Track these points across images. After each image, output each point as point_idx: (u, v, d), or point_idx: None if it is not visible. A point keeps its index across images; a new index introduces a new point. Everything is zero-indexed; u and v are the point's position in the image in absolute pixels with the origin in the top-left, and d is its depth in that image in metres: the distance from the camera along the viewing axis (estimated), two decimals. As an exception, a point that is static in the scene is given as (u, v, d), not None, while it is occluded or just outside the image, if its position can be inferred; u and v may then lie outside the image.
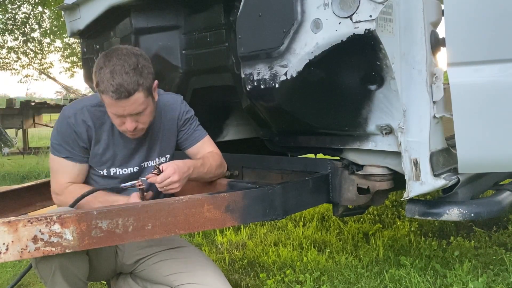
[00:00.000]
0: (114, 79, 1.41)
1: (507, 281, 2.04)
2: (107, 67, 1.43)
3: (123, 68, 1.42)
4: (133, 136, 1.59)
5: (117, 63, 1.43)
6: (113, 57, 1.44)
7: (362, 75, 1.50)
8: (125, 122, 1.50)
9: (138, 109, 1.48)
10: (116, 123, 1.53)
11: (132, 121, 1.50)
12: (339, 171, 1.77)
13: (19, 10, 12.94)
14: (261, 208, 1.51)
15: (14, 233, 1.16)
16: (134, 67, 1.44)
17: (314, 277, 2.24)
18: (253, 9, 1.60)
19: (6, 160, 8.33)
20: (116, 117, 1.50)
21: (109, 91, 1.41)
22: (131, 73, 1.43)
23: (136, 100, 1.46)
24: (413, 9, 1.51)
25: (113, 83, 1.41)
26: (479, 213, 1.58)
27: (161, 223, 1.33)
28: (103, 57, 1.46)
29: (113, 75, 1.41)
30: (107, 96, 1.43)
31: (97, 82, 1.45)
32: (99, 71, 1.44)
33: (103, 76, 1.42)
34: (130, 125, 1.50)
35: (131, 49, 1.50)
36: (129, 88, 1.43)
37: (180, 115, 1.75)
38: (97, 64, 1.46)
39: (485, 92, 1.47)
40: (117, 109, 1.46)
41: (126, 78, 1.42)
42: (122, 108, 1.46)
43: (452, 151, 1.63)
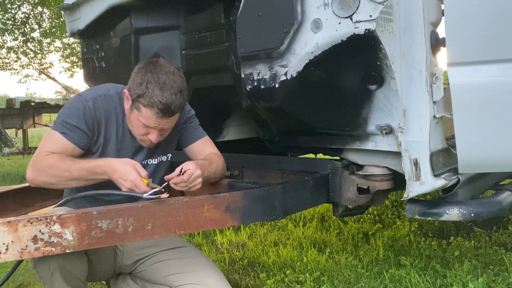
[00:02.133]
0: (164, 97, 1.45)
1: (507, 281, 2.04)
2: (157, 84, 1.45)
3: (173, 88, 1.46)
4: (148, 146, 1.62)
5: (166, 81, 1.46)
6: (162, 75, 1.47)
7: (362, 75, 1.50)
8: (150, 133, 1.53)
9: (170, 126, 1.56)
10: (140, 132, 1.55)
11: (158, 134, 1.55)
12: (339, 171, 1.77)
13: (19, 10, 12.94)
14: (261, 208, 1.51)
15: (14, 233, 1.16)
16: (181, 90, 1.49)
17: (314, 277, 2.24)
18: (253, 9, 1.60)
19: (6, 160, 8.33)
20: (143, 127, 1.52)
21: (155, 108, 1.45)
22: (178, 95, 1.48)
23: (174, 120, 1.54)
24: (413, 9, 1.51)
25: (162, 101, 1.44)
26: (479, 213, 1.58)
27: (161, 223, 1.33)
28: (150, 72, 1.47)
29: (164, 93, 1.45)
30: (151, 110, 1.46)
31: (142, 94, 1.46)
32: (147, 84, 1.46)
33: (152, 92, 1.45)
34: (155, 137, 1.55)
35: (175, 69, 1.52)
36: (175, 109, 1.48)
37: (182, 114, 1.74)
38: (143, 77, 1.47)
39: (485, 92, 1.47)
40: (153, 123, 1.50)
41: (175, 99, 1.46)
42: (158, 123, 1.50)
43: (452, 151, 1.63)
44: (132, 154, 1.66)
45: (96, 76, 2.60)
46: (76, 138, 1.53)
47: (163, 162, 1.74)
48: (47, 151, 1.51)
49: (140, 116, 1.50)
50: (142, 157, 1.68)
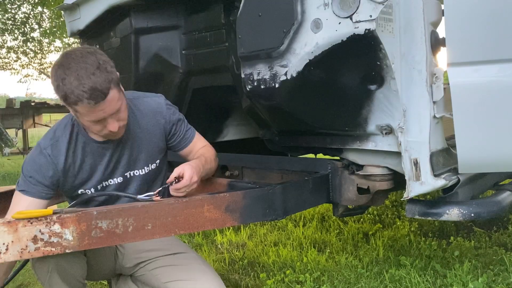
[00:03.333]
0: (84, 85, 1.30)
1: (507, 281, 2.04)
2: (70, 75, 1.31)
3: (87, 70, 1.32)
4: (116, 137, 1.51)
5: (79, 67, 1.32)
6: (71, 63, 1.33)
7: (362, 75, 1.50)
8: (106, 125, 1.42)
9: (116, 106, 1.40)
10: (96, 129, 1.43)
11: (114, 121, 1.42)
12: (339, 171, 1.77)
13: (19, 10, 12.95)
14: (261, 208, 1.51)
15: (14, 233, 1.16)
16: (98, 66, 1.34)
17: (314, 277, 2.24)
18: (253, 9, 1.59)
19: (6, 160, 8.33)
20: (95, 123, 1.40)
21: (84, 99, 1.31)
22: (97, 73, 1.33)
23: (113, 98, 1.38)
24: (413, 9, 1.51)
25: (85, 89, 1.30)
26: (479, 213, 1.58)
27: (161, 223, 1.33)
28: (60, 67, 1.34)
29: (81, 81, 1.31)
30: (82, 104, 1.33)
31: (64, 95, 1.33)
32: (62, 82, 1.32)
33: (70, 86, 1.31)
34: (113, 125, 1.42)
35: (84, 49, 1.39)
36: (103, 88, 1.33)
37: (167, 120, 1.65)
38: (56, 76, 1.34)
39: (485, 92, 1.47)
40: (97, 114, 1.37)
41: (95, 78, 1.32)
42: (101, 111, 1.36)
43: (452, 151, 1.63)
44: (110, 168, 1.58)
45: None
46: (40, 191, 1.49)
47: (152, 170, 1.66)
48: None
49: (81, 116, 1.38)
50: (122, 170, 1.60)
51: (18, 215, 1.19)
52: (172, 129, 1.68)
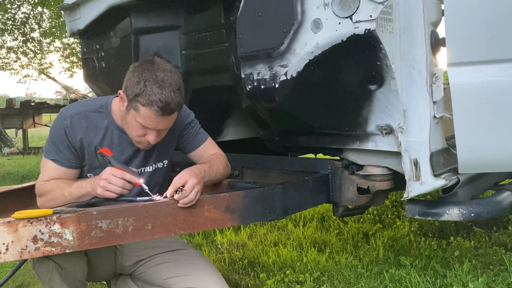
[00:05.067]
0: (163, 95, 1.41)
1: (507, 281, 2.04)
2: (155, 81, 1.41)
3: (171, 86, 1.43)
4: (145, 148, 1.58)
5: (164, 79, 1.43)
6: (159, 72, 1.43)
7: (362, 75, 1.50)
8: (147, 134, 1.49)
9: (169, 126, 1.52)
10: (137, 133, 1.50)
11: (157, 135, 1.50)
12: (339, 171, 1.77)
13: (19, 10, 12.94)
14: (261, 208, 1.51)
15: (14, 233, 1.16)
16: (179, 87, 1.46)
17: (314, 277, 2.24)
18: (253, 9, 1.60)
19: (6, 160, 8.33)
20: (142, 128, 1.48)
21: (155, 106, 1.40)
22: (177, 92, 1.45)
23: (172, 119, 1.50)
24: (413, 9, 1.51)
25: (162, 99, 1.40)
26: (479, 213, 1.58)
27: (161, 223, 1.33)
28: (147, 70, 1.44)
29: (163, 91, 1.41)
30: (150, 109, 1.41)
31: (140, 93, 1.42)
32: (144, 83, 1.42)
33: (150, 89, 1.41)
34: (153, 138, 1.50)
35: (168, 64, 1.50)
36: (174, 107, 1.44)
37: (181, 120, 1.70)
38: (138, 73, 1.44)
39: (485, 92, 1.47)
40: (152, 123, 1.45)
41: (174, 97, 1.43)
42: (157, 123, 1.46)
43: (452, 151, 1.63)
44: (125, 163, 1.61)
45: (96, 76, 2.60)
46: (66, 160, 1.56)
47: (159, 169, 1.70)
48: (43, 180, 1.56)
49: (137, 116, 1.45)
50: (135, 166, 1.63)
51: (18, 215, 1.19)
52: (185, 129, 1.73)
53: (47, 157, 1.57)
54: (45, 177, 1.56)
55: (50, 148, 1.56)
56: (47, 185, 1.54)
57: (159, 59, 1.52)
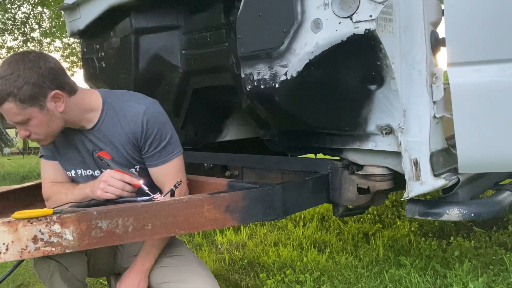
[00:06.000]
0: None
1: (507, 281, 2.04)
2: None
3: (1, 74, 1.35)
4: (39, 143, 1.53)
5: (3, 68, 1.37)
6: (5, 63, 1.39)
7: (362, 75, 1.50)
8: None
9: (15, 119, 1.40)
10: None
11: (21, 129, 1.45)
12: (339, 171, 1.77)
13: (19, 10, 12.95)
14: (261, 208, 1.51)
15: (14, 233, 1.16)
16: (8, 74, 1.35)
17: (314, 277, 2.24)
18: (253, 9, 1.59)
19: (6, 160, 8.33)
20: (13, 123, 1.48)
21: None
22: (2, 80, 1.34)
23: (8, 110, 1.38)
24: (413, 9, 1.51)
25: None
26: (479, 213, 1.58)
27: (161, 223, 1.33)
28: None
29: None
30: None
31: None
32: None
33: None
34: (21, 133, 1.47)
35: (30, 55, 1.40)
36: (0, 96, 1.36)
37: (142, 130, 1.54)
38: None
39: (485, 92, 1.47)
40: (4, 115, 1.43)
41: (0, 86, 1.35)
42: (4, 114, 1.42)
43: (452, 151, 1.63)
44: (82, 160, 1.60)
45: (96, 76, 2.60)
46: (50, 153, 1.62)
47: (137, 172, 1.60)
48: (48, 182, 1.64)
49: None
50: (93, 165, 1.59)
51: (18, 215, 1.19)
52: (144, 142, 1.57)
53: (39, 155, 1.66)
54: (44, 178, 1.62)
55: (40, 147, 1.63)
56: (52, 188, 1.59)
57: (28, 51, 1.45)
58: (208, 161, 2.26)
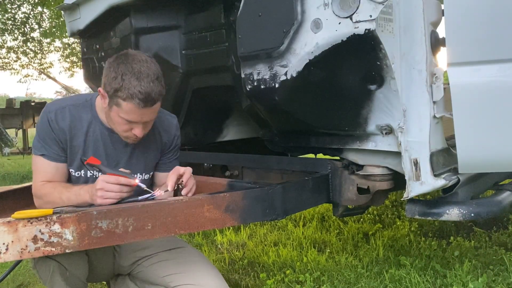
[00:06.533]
0: (142, 86, 1.39)
1: (507, 281, 2.04)
2: (132, 73, 1.39)
3: (149, 76, 1.41)
4: (134, 142, 1.56)
5: (141, 69, 1.40)
6: (135, 63, 1.41)
7: (362, 75, 1.50)
8: (133, 128, 1.48)
9: (153, 116, 1.50)
10: (123, 129, 1.49)
11: (143, 129, 1.50)
12: (339, 171, 1.77)
13: (19, 10, 12.94)
14: (261, 208, 1.51)
15: (14, 233, 1.16)
16: (157, 76, 1.43)
17: (314, 277, 2.24)
18: (253, 9, 1.60)
19: (6, 160, 8.33)
20: (127, 123, 1.46)
21: (136, 98, 1.39)
22: (156, 82, 1.42)
23: (156, 109, 1.48)
24: (413, 9, 1.51)
25: (142, 91, 1.38)
26: (479, 213, 1.58)
27: (161, 223, 1.33)
28: (123, 63, 1.42)
29: (141, 82, 1.39)
30: (131, 103, 1.40)
31: (119, 88, 1.40)
32: (122, 76, 1.39)
33: (129, 83, 1.38)
34: (139, 131, 1.49)
35: (144, 55, 1.47)
36: (156, 97, 1.42)
37: (173, 140, 1.71)
38: (114, 68, 1.42)
39: (485, 92, 1.47)
40: (135, 116, 1.44)
41: (154, 86, 1.41)
42: (141, 115, 1.44)
43: (452, 151, 1.63)
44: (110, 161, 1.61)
45: (96, 76, 2.61)
46: (54, 154, 1.54)
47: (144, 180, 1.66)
48: (41, 180, 1.55)
49: (120, 111, 1.43)
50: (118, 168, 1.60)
51: (18, 215, 1.19)
52: (169, 150, 1.73)
53: (36, 153, 1.56)
54: (38, 176, 1.55)
55: (38, 143, 1.55)
56: (45, 187, 1.53)
57: (134, 51, 1.50)
58: (208, 161, 2.26)
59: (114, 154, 1.60)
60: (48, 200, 1.51)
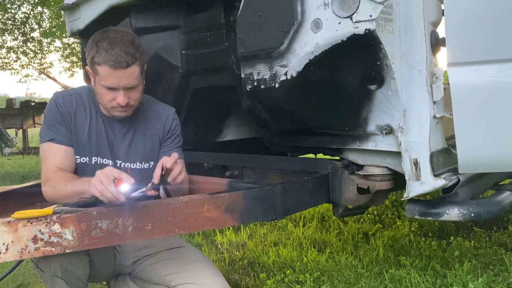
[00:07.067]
0: (113, 49, 1.44)
1: (507, 281, 2.04)
2: (105, 39, 1.46)
3: (122, 41, 1.46)
4: (122, 113, 1.57)
5: (115, 36, 1.47)
6: (110, 32, 1.49)
7: (362, 75, 1.50)
8: (116, 96, 1.51)
9: (132, 82, 1.50)
10: (107, 99, 1.52)
11: (125, 96, 1.51)
12: (339, 171, 1.77)
13: (19, 10, 12.94)
14: (261, 208, 1.51)
15: (14, 233, 1.16)
16: (132, 42, 1.49)
17: (314, 277, 2.24)
18: (253, 9, 1.60)
19: (6, 160, 8.33)
20: (108, 91, 1.50)
21: (108, 60, 1.44)
22: (129, 46, 1.47)
23: (133, 73, 1.49)
24: (413, 9, 1.51)
25: (113, 53, 1.44)
26: (479, 213, 1.58)
27: (161, 223, 1.33)
28: (99, 33, 1.50)
29: (112, 46, 1.45)
30: (104, 66, 1.45)
31: (92, 56, 1.47)
32: (96, 44, 1.47)
33: (100, 48, 1.45)
34: (122, 99, 1.51)
35: (122, 28, 1.55)
36: (128, 59, 1.46)
37: (168, 127, 1.73)
38: (92, 39, 1.49)
39: (485, 92, 1.47)
40: (113, 81, 1.47)
41: (125, 49, 1.45)
42: (118, 79, 1.47)
43: (452, 151, 1.63)
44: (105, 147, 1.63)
45: (96, 76, 2.60)
46: (63, 137, 1.58)
47: (144, 169, 1.68)
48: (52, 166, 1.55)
49: (100, 79, 1.49)
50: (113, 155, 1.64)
51: (18, 215, 1.19)
52: (167, 138, 1.74)
53: (45, 140, 1.57)
54: (49, 162, 1.56)
55: (46, 130, 1.58)
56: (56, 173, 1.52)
57: (114, 27, 1.57)
58: (208, 161, 2.26)
59: (115, 142, 1.64)
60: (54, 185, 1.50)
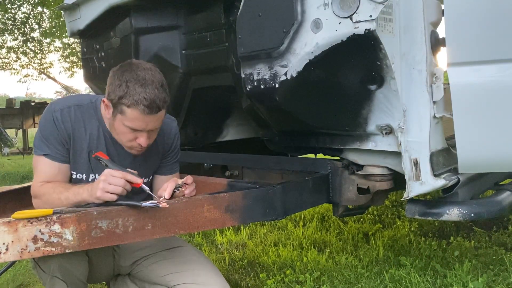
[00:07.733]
0: (147, 93, 1.38)
1: (507, 281, 2.04)
2: (137, 81, 1.39)
3: (154, 83, 1.41)
4: (139, 152, 1.53)
5: (145, 76, 1.40)
6: (139, 70, 1.41)
7: (362, 75, 1.50)
8: (138, 137, 1.46)
9: (157, 125, 1.48)
10: (128, 138, 1.47)
11: (147, 137, 1.47)
12: (339, 171, 1.77)
13: (19, 10, 12.94)
14: (261, 208, 1.51)
15: (14, 233, 1.16)
16: (162, 84, 1.44)
17: (314, 277, 2.24)
18: (253, 9, 1.60)
19: (6, 160, 8.33)
20: (131, 131, 1.44)
21: (141, 105, 1.38)
22: (161, 89, 1.42)
23: (160, 117, 1.46)
24: (413, 9, 1.51)
25: (147, 97, 1.38)
26: (479, 213, 1.58)
27: (161, 223, 1.33)
28: (127, 71, 1.42)
29: (146, 89, 1.38)
30: (136, 109, 1.39)
31: (123, 95, 1.39)
32: (126, 84, 1.39)
33: (132, 90, 1.38)
34: (145, 141, 1.47)
35: (148, 64, 1.48)
36: (160, 104, 1.41)
37: (172, 143, 1.71)
38: (119, 76, 1.41)
39: (485, 92, 1.47)
40: (140, 124, 1.42)
41: (158, 93, 1.40)
42: (145, 123, 1.42)
43: (452, 151, 1.63)
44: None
45: (96, 76, 2.61)
46: (58, 154, 1.51)
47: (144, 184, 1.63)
48: (41, 181, 1.51)
49: (125, 120, 1.42)
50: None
51: (18, 215, 1.19)
52: (169, 153, 1.72)
53: (39, 153, 1.51)
54: (40, 176, 1.52)
55: (40, 143, 1.51)
56: (44, 187, 1.50)
57: (137, 60, 1.50)
58: (208, 161, 2.26)
59: (117, 159, 1.57)
60: (46, 200, 1.47)
